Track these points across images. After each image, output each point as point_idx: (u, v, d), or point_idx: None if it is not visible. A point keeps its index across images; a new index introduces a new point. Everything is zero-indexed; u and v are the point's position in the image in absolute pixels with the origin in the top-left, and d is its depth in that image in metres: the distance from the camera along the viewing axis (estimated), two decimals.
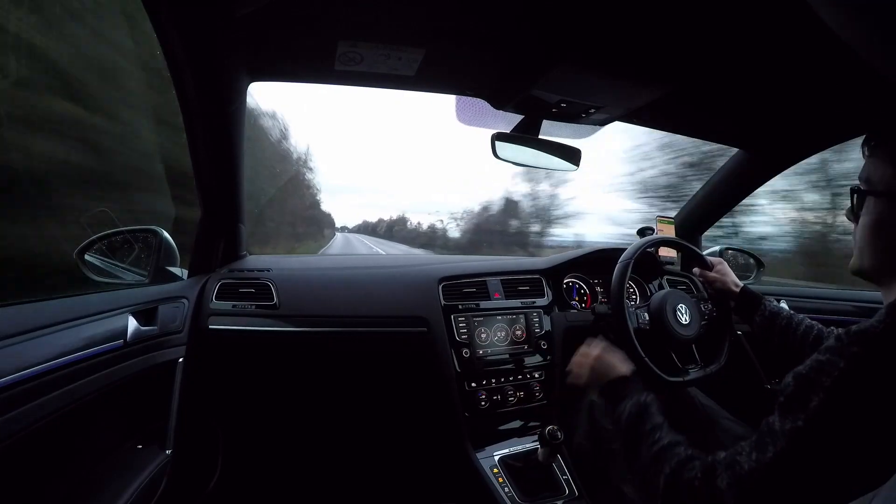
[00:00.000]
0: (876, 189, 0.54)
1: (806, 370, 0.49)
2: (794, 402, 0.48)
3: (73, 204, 2.03)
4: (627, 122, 1.12)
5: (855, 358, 0.46)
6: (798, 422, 0.47)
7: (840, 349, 0.47)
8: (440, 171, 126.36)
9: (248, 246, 1.30)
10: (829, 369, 0.47)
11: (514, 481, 1.00)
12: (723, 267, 1.10)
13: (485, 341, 1.16)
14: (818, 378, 0.47)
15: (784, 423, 0.48)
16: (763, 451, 0.48)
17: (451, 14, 0.73)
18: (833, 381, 0.46)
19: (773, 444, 0.48)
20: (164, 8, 0.66)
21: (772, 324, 0.97)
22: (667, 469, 0.56)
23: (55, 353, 0.64)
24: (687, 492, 0.53)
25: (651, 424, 0.64)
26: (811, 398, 0.47)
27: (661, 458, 0.58)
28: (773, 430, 0.49)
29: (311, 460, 1.41)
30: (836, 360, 0.47)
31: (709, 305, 1.18)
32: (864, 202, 0.56)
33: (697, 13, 0.68)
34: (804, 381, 0.48)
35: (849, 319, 1.30)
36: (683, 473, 0.55)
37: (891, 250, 0.54)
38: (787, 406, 0.49)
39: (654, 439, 0.61)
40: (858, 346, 0.46)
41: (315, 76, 0.95)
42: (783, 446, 0.47)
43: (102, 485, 0.78)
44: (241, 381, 1.22)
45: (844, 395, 0.46)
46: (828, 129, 1.15)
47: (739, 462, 0.50)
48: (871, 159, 0.55)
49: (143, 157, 2.54)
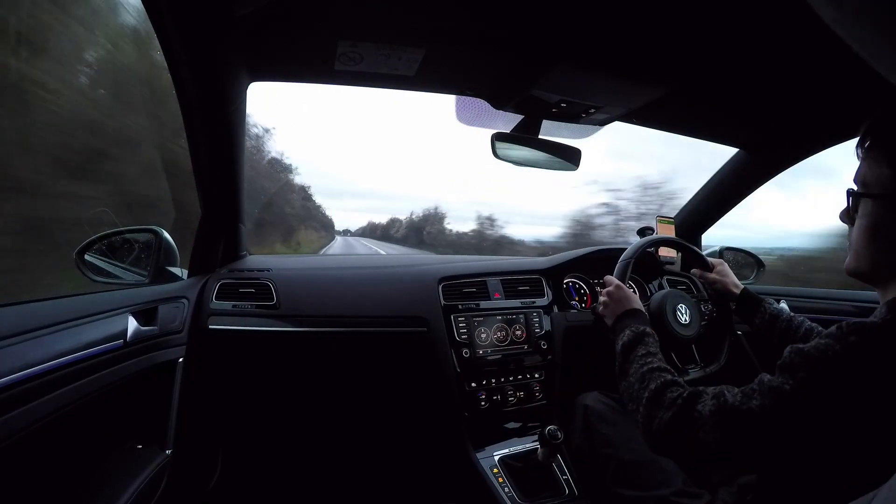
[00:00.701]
0: (872, 191, 0.54)
1: (807, 347, 0.51)
2: (786, 368, 0.51)
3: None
4: (627, 122, 1.12)
5: (851, 346, 0.48)
6: (785, 385, 0.49)
7: (839, 336, 0.49)
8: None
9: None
10: (825, 350, 0.49)
11: (514, 481, 1.00)
12: (723, 268, 1.10)
13: (485, 341, 1.16)
14: (813, 354, 0.49)
15: (772, 381, 0.51)
16: (748, 399, 0.52)
17: (451, 14, 0.73)
18: (826, 359, 0.48)
19: (760, 397, 0.51)
20: (165, 8, 0.66)
21: (772, 326, 0.97)
22: (652, 386, 0.61)
23: (55, 353, 0.64)
24: (668, 408, 0.57)
25: (645, 350, 0.69)
26: (800, 368, 0.49)
27: (647, 378, 0.63)
28: (763, 384, 0.52)
29: (311, 460, 1.41)
30: (832, 343, 0.49)
31: (709, 306, 1.18)
32: (860, 204, 0.56)
33: (697, 13, 0.68)
34: (799, 353, 0.50)
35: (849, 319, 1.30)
36: (667, 392, 0.59)
37: (887, 252, 0.54)
38: (779, 370, 0.52)
39: (644, 362, 0.67)
40: (856, 336, 0.48)
41: (315, 76, 0.95)
42: (766, 402, 0.50)
43: (102, 485, 0.78)
44: (241, 382, 1.22)
45: (832, 376, 0.48)
46: (828, 129, 1.15)
47: (725, 396, 0.53)
48: (867, 161, 0.55)
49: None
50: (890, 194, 0.52)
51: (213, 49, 0.76)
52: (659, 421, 0.57)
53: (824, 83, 0.90)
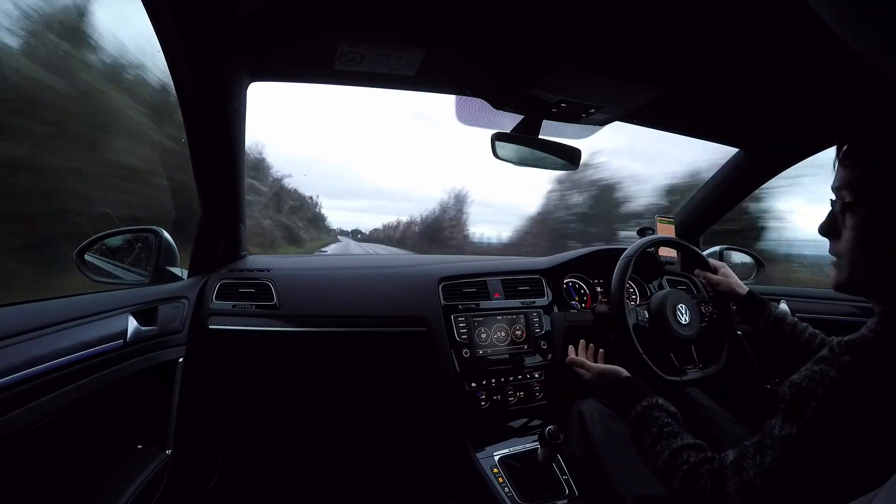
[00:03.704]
0: (860, 198, 0.52)
1: (800, 379, 0.50)
2: (790, 410, 0.49)
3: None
4: (627, 122, 1.12)
5: (846, 367, 0.47)
6: (792, 430, 0.48)
7: (831, 359, 0.48)
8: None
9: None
10: (822, 379, 0.48)
11: (514, 481, 1.00)
12: (726, 269, 1.09)
13: (485, 341, 1.16)
14: (811, 387, 0.48)
15: (781, 430, 0.50)
16: (764, 456, 0.50)
17: (451, 14, 0.73)
18: (825, 390, 0.47)
19: (773, 450, 0.50)
20: (164, 8, 0.66)
21: (777, 329, 0.97)
22: (679, 476, 0.59)
23: (55, 353, 0.64)
24: (700, 499, 0.56)
25: (659, 427, 0.68)
26: (805, 408, 0.48)
27: (672, 466, 0.61)
28: (773, 436, 0.50)
29: (311, 460, 1.41)
30: (827, 369, 0.48)
31: (709, 307, 1.18)
32: (847, 214, 0.53)
33: (698, 13, 0.68)
34: (798, 390, 0.49)
35: (849, 320, 1.30)
36: (693, 484, 0.57)
37: (881, 259, 0.51)
38: (784, 414, 0.50)
39: (662, 445, 0.65)
40: (849, 355, 0.47)
41: (315, 76, 0.95)
42: (779, 454, 0.49)
43: (102, 485, 0.78)
44: (241, 381, 1.22)
45: (836, 405, 0.47)
46: (827, 129, 1.15)
47: (745, 468, 0.52)
48: (847, 169, 0.53)
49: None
50: (876, 199, 0.50)
51: (213, 49, 0.76)
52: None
53: (824, 83, 0.90)
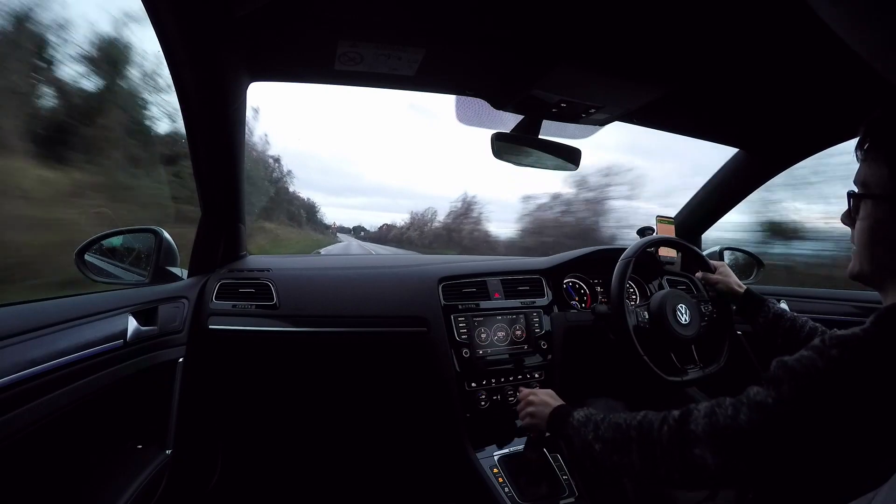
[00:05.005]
0: (873, 192, 0.54)
1: (789, 360, 0.51)
2: (771, 381, 0.51)
3: None
4: (627, 122, 1.12)
5: (831, 360, 0.47)
6: (767, 399, 0.50)
7: (821, 350, 0.49)
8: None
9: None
10: (808, 364, 0.49)
11: (514, 481, 1.00)
12: (725, 269, 1.10)
13: (485, 341, 1.16)
14: (796, 368, 0.49)
15: (758, 395, 0.51)
16: (737, 413, 0.52)
17: (451, 14, 0.73)
18: (808, 374, 0.48)
19: (748, 411, 0.51)
20: (164, 8, 0.66)
21: (775, 326, 0.97)
22: (634, 429, 0.60)
23: (55, 353, 0.64)
24: (658, 446, 0.57)
25: (598, 417, 0.66)
26: (784, 384, 0.49)
27: (622, 427, 0.61)
28: (749, 397, 0.52)
29: (311, 460, 1.41)
30: (815, 358, 0.49)
31: (709, 307, 1.18)
32: (861, 206, 0.56)
33: (698, 13, 0.68)
34: (784, 368, 0.50)
35: (849, 319, 1.30)
36: (653, 422, 0.59)
37: (889, 253, 0.53)
38: (765, 383, 0.52)
39: (607, 423, 0.64)
40: (837, 349, 0.47)
41: (315, 76, 0.95)
42: (753, 417, 0.50)
43: (102, 485, 0.78)
44: (241, 381, 1.22)
45: (813, 393, 0.47)
46: (828, 129, 1.15)
47: (717, 415, 0.53)
48: (866, 162, 0.55)
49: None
50: (889, 195, 0.52)
51: (213, 49, 0.76)
52: (660, 447, 0.56)
53: (824, 83, 0.90)
